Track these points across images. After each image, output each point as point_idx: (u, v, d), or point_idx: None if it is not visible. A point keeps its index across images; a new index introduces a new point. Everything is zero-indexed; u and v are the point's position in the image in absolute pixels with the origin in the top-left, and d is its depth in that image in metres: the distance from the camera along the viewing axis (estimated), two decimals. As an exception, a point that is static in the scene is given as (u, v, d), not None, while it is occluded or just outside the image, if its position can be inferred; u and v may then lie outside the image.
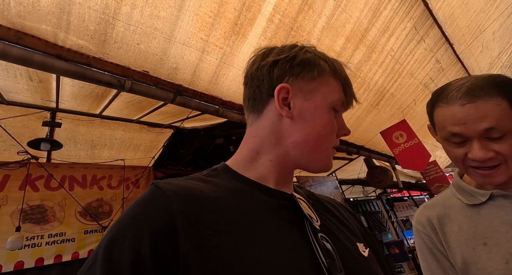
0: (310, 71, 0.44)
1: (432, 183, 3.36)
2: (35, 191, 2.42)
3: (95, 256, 0.31)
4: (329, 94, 0.44)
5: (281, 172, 0.45)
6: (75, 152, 2.52)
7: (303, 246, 0.37)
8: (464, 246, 0.59)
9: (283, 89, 0.43)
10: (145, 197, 0.35)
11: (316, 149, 0.43)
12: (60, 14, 1.03)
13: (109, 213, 2.72)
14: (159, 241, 0.30)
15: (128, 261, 0.29)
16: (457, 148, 0.58)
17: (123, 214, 0.34)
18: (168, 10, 1.19)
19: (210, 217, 0.34)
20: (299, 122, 0.43)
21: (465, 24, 2.21)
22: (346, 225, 0.48)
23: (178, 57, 1.40)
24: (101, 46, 1.20)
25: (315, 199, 0.51)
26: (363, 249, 0.44)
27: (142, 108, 2.03)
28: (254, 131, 0.47)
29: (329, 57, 0.47)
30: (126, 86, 1.34)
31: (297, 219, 0.40)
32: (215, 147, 3.01)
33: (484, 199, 0.61)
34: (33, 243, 2.26)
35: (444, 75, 2.65)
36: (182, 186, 0.37)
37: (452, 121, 0.56)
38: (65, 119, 2.04)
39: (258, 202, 0.40)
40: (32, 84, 1.55)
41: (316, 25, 1.56)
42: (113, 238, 0.32)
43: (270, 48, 0.48)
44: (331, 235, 0.42)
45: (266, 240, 0.35)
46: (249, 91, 0.47)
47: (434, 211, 0.68)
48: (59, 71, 1.16)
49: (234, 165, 0.46)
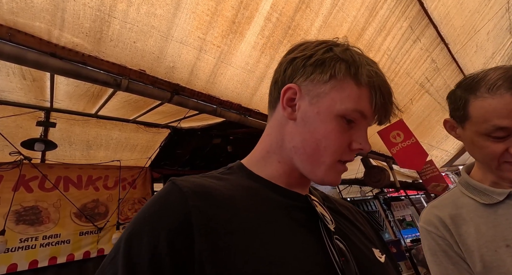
0: (322, 74, 0.40)
1: (429, 182, 3.39)
2: (29, 192, 2.38)
3: (116, 249, 0.32)
4: (341, 101, 0.39)
5: (291, 174, 0.43)
6: (70, 152, 2.48)
7: (317, 248, 0.36)
8: (484, 249, 0.56)
9: (289, 90, 0.42)
10: (162, 194, 0.36)
11: (314, 158, 0.40)
12: (54, 11, 1.01)
13: (105, 214, 2.69)
14: (175, 237, 0.31)
15: (146, 256, 0.30)
16: (497, 143, 0.53)
17: (142, 209, 0.35)
18: (165, 7, 1.18)
19: (224, 215, 0.34)
20: (300, 126, 0.41)
21: (460, 24, 2.23)
22: (361, 230, 0.47)
23: (175, 55, 1.39)
24: (96, 44, 1.19)
25: (330, 202, 0.50)
26: (379, 255, 0.43)
27: (139, 108, 2.01)
28: (268, 128, 0.46)
29: (361, 60, 0.40)
30: (123, 85, 1.32)
31: (311, 221, 0.39)
32: (212, 147, 3.00)
33: (502, 198, 0.58)
34: (27, 245, 2.21)
35: (440, 75, 2.68)
36: (198, 184, 0.37)
37: (500, 114, 0.51)
38: (60, 119, 2.01)
39: (272, 201, 0.40)
40: (25, 83, 1.53)
41: (313, 24, 1.56)
42: (132, 232, 0.33)
43: (302, 43, 0.45)
44: (346, 238, 0.40)
45: (279, 241, 0.34)
46: (270, 87, 0.46)
47: (445, 211, 0.64)
48: (54, 69, 1.14)
49: (249, 163, 0.45)
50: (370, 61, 0.42)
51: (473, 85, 0.56)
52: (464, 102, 0.58)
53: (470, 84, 0.57)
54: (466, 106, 0.57)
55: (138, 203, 2.93)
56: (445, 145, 4.03)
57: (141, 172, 2.99)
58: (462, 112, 0.58)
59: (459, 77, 2.83)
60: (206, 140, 2.82)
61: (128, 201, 2.87)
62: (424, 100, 2.88)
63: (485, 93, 0.53)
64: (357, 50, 0.43)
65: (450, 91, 0.62)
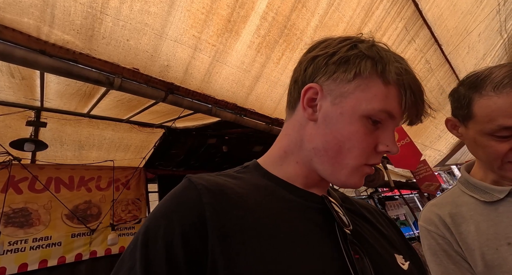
0: (346, 72, 0.38)
1: (422, 182, 3.43)
2: (18, 193, 2.31)
3: (135, 242, 0.33)
4: (366, 101, 0.37)
5: (309, 176, 0.42)
6: (61, 153, 2.43)
7: (331, 251, 0.35)
8: (486, 247, 0.55)
9: (310, 90, 0.40)
10: (178, 190, 0.36)
11: (337, 161, 0.38)
12: (44, 7, 0.98)
13: (97, 215, 2.63)
14: (190, 232, 0.31)
15: (162, 250, 0.31)
16: (502, 143, 0.53)
17: (159, 204, 0.36)
18: (159, 5, 1.15)
19: (238, 213, 0.34)
20: (322, 127, 0.39)
21: (453, 26, 2.26)
22: (383, 233, 0.45)
23: (169, 54, 1.36)
24: (88, 42, 1.15)
25: (349, 203, 0.48)
26: (402, 262, 0.41)
27: (132, 108, 1.97)
28: (286, 128, 0.45)
29: (388, 57, 0.38)
30: (115, 84, 1.29)
31: (327, 223, 0.38)
32: (207, 147, 2.97)
33: (502, 196, 0.57)
34: (16, 248, 2.15)
35: (433, 75, 2.71)
36: (213, 181, 0.37)
37: (507, 113, 0.50)
38: (51, 118, 1.96)
39: (287, 201, 0.39)
40: (14, 81, 1.48)
41: (309, 24, 1.56)
42: (150, 226, 0.34)
43: (324, 39, 0.43)
44: (364, 241, 0.39)
45: (292, 241, 0.34)
46: (289, 86, 0.45)
47: (445, 209, 0.63)
48: (43, 67, 1.10)
49: (265, 162, 0.44)
50: (398, 57, 0.39)
51: (478, 83, 0.54)
52: (468, 100, 0.56)
53: (475, 82, 0.55)
54: (470, 105, 0.55)
55: (132, 204, 2.89)
56: (438, 144, 4.10)
57: (135, 173, 2.94)
58: (466, 111, 0.57)
59: (451, 78, 2.87)
60: (201, 140, 2.80)
61: (121, 202, 2.82)
62: (418, 101, 2.91)
63: (490, 91, 0.51)
64: (384, 46, 0.41)
65: (453, 89, 0.61)
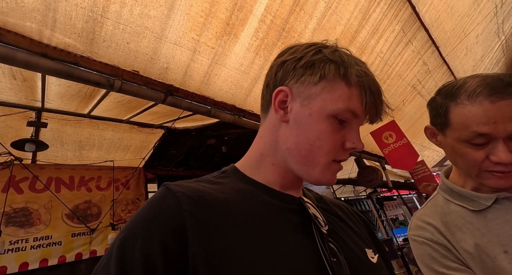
0: (312, 75, 0.40)
1: (420, 182, 3.46)
2: (19, 193, 2.33)
3: (109, 255, 0.32)
4: (332, 101, 0.40)
5: (285, 177, 0.44)
6: (62, 153, 2.44)
7: (310, 251, 0.36)
8: (484, 256, 0.54)
9: (281, 92, 0.42)
10: (156, 198, 0.36)
11: (310, 159, 0.40)
12: (46, 11, 1.00)
13: (97, 215, 2.65)
14: (169, 241, 0.31)
15: (140, 261, 0.30)
16: (477, 150, 0.53)
17: (135, 214, 0.35)
18: (159, 9, 1.17)
19: (219, 219, 0.34)
20: (294, 128, 0.41)
21: (450, 28, 2.28)
22: (354, 230, 0.47)
23: (169, 57, 1.38)
24: (89, 45, 1.17)
25: (324, 203, 0.50)
26: (372, 255, 0.43)
27: (132, 109, 1.99)
28: (261, 131, 0.47)
29: (349, 61, 0.41)
30: (116, 86, 1.31)
31: (305, 224, 0.39)
32: (207, 147, 2.99)
33: (489, 204, 0.57)
34: (17, 247, 2.17)
35: (431, 77, 2.73)
36: (192, 188, 0.37)
37: (480, 121, 0.50)
38: (52, 119, 1.98)
39: (266, 205, 0.40)
40: (15, 83, 1.50)
41: (307, 26, 1.58)
42: (126, 237, 0.33)
43: (292, 45, 0.45)
44: (339, 240, 0.41)
45: (272, 244, 0.35)
46: (262, 90, 0.47)
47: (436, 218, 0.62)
48: (45, 70, 1.12)
49: (243, 167, 0.46)
50: (358, 61, 0.42)
51: (453, 92, 0.55)
52: (445, 109, 0.57)
53: (450, 91, 0.56)
54: (447, 113, 0.56)
55: (132, 204, 2.91)
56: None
57: (134, 173, 2.96)
58: (443, 119, 0.58)
59: (449, 79, 2.89)
60: (200, 140, 2.82)
61: (121, 202, 2.84)
62: (416, 102, 2.93)
63: (465, 100, 0.53)
64: (346, 51, 0.44)
65: (431, 99, 0.62)
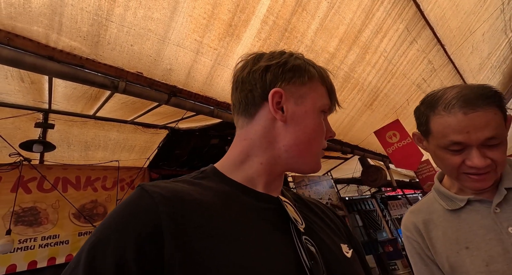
0: (301, 77, 0.45)
1: (425, 182, 3.42)
2: (27, 193, 2.38)
3: (77, 260, 0.30)
4: (318, 99, 0.47)
5: (271, 174, 0.46)
6: (68, 153, 2.49)
7: (288, 249, 0.37)
8: (450, 251, 0.62)
9: (276, 94, 0.44)
10: (131, 200, 0.35)
11: (307, 151, 0.45)
12: (52, 15, 1.02)
13: (103, 214, 2.70)
14: (145, 244, 0.30)
15: (112, 266, 0.29)
16: (455, 156, 0.59)
17: (108, 217, 0.34)
18: (162, 11, 1.19)
19: (197, 220, 0.34)
20: (291, 126, 0.44)
21: (456, 26, 2.25)
22: (330, 226, 0.50)
23: (172, 58, 1.40)
24: (94, 48, 1.20)
25: (301, 202, 0.52)
26: (347, 250, 0.45)
27: (137, 109, 2.02)
28: (244, 134, 0.47)
29: (316, 64, 0.49)
30: (120, 87, 1.33)
31: (283, 222, 0.41)
32: (210, 147, 3.01)
33: (462, 204, 0.64)
34: (26, 246, 2.22)
35: (436, 75, 2.70)
36: (169, 189, 0.37)
37: (455, 130, 0.56)
38: (58, 120, 2.02)
39: (244, 205, 0.41)
40: (23, 85, 1.53)
41: (310, 27, 1.58)
42: (96, 241, 0.31)
43: (259, 53, 0.49)
44: (316, 236, 0.43)
45: (251, 244, 0.35)
46: (240, 95, 0.47)
47: (419, 217, 0.70)
48: (51, 72, 1.15)
49: (223, 167, 0.46)
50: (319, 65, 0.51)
51: (433, 103, 0.61)
52: (426, 118, 0.63)
53: (431, 102, 0.62)
54: (427, 122, 0.62)
55: (137, 203, 2.94)
56: (442, 144, 4.06)
57: (139, 173, 3.00)
58: (425, 128, 0.63)
59: (456, 77, 2.85)
60: (204, 140, 2.84)
61: (126, 201, 2.88)
62: (421, 101, 2.90)
63: (442, 111, 0.58)
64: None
65: (416, 107, 0.67)
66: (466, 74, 2.95)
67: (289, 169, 0.47)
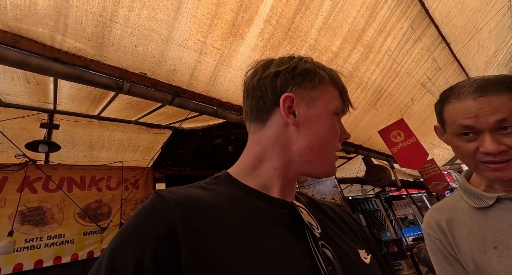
0: (312, 80, 0.45)
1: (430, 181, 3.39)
2: (33, 192, 2.41)
3: (99, 265, 0.32)
4: (330, 101, 0.46)
5: (285, 179, 0.45)
6: (73, 154, 2.51)
7: (304, 255, 0.37)
8: (475, 250, 0.60)
9: (288, 98, 0.44)
10: (147, 206, 0.36)
11: (321, 154, 0.45)
12: (57, 17, 1.03)
13: (108, 214, 2.72)
14: (161, 248, 0.31)
15: (131, 269, 0.30)
16: (468, 143, 0.58)
17: (126, 222, 0.36)
18: (166, 12, 1.19)
19: (210, 224, 0.35)
20: (303, 129, 0.44)
21: (461, 24, 2.22)
22: (347, 231, 0.49)
23: (176, 58, 1.40)
24: (98, 49, 1.20)
25: (316, 206, 0.51)
26: (365, 256, 0.44)
27: (140, 110, 2.03)
28: (257, 139, 0.47)
29: (326, 67, 0.49)
30: (124, 88, 1.34)
31: (298, 227, 0.40)
32: (214, 147, 3.02)
33: (491, 202, 0.61)
34: (32, 245, 2.25)
35: (441, 74, 2.67)
36: (183, 194, 0.37)
37: (463, 115, 0.56)
38: (63, 121, 2.04)
39: (258, 210, 0.41)
40: (29, 86, 1.55)
41: (313, 26, 1.57)
42: (116, 246, 0.33)
43: (268, 60, 0.49)
44: (332, 242, 0.42)
45: (265, 248, 0.35)
46: (252, 102, 0.47)
47: (443, 214, 0.68)
48: (57, 74, 1.16)
49: (236, 173, 0.46)
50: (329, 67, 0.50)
51: (448, 94, 0.63)
52: (439, 109, 0.65)
53: (446, 93, 0.64)
54: (441, 112, 0.64)
55: (141, 203, 2.96)
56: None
57: (143, 172, 3.01)
58: (439, 117, 0.66)
59: (461, 76, 2.82)
60: (207, 140, 2.84)
61: (130, 201, 2.90)
62: (426, 100, 2.87)
63: (453, 99, 0.60)
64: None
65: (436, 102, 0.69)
66: (472, 72, 2.91)
67: (303, 173, 0.46)
